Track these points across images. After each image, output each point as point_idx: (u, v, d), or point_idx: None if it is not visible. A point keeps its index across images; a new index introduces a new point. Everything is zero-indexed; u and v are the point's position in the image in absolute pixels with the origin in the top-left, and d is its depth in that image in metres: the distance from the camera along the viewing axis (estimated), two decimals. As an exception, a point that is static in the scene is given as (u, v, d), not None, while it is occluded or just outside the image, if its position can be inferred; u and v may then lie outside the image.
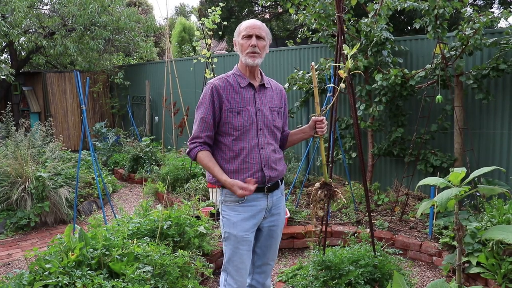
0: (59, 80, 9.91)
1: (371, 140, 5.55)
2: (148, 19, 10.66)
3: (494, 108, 4.69)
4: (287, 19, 14.81)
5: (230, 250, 2.39)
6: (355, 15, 5.45)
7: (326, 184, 2.61)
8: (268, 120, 2.42)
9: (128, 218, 4.08)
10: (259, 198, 2.40)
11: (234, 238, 2.37)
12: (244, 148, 2.34)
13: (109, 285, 2.84)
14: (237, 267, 2.38)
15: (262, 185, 2.40)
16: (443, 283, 1.91)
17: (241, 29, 2.38)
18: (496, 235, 2.37)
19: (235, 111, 2.34)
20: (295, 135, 2.63)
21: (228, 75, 2.42)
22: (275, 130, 2.48)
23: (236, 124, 2.33)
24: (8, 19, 8.10)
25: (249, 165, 2.35)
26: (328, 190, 2.58)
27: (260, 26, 2.38)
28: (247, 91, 2.39)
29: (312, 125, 2.54)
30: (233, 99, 2.35)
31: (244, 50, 2.35)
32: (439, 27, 4.44)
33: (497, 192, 2.53)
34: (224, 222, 2.41)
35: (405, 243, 4.16)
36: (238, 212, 2.37)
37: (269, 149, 2.42)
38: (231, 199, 2.38)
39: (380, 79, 4.87)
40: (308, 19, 5.40)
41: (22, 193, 5.18)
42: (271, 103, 2.47)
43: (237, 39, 2.40)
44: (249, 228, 2.38)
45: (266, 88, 2.47)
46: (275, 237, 2.55)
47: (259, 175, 2.37)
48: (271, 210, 2.48)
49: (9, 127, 6.86)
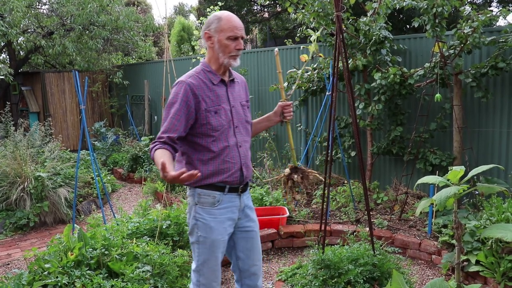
0: (58, 80, 9.90)
1: (370, 139, 5.56)
2: (147, 18, 10.64)
3: (493, 106, 4.69)
4: (286, 18, 14.81)
5: (205, 253, 2.27)
6: (354, 14, 5.45)
7: (297, 168, 2.60)
8: (241, 116, 2.34)
9: (127, 217, 4.08)
10: (233, 199, 2.31)
11: (211, 242, 2.25)
12: (225, 148, 2.24)
13: (108, 284, 2.84)
14: (213, 269, 2.29)
15: (237, 185, 2.31)
16: (442, 281, 1.91)
17: (223, 26, 2.21)
18: (494, 234, 2.38)
19: (212, 110, 2.21)
20: (259, 124, 2.57)
21: (198, 72, 2.27)
22: (248, 125, 2.40)
23: (215, 124, 2.21)
24: (7, 18, 8.09)
25: (229, 165, 2.25)
26: (302, 173, 2.57)
27: (242, 25, 2.27)
28: (220, 88, 2.28)
29: (278, 110, 2.49)
30: (209, 98, 2.22)
31: (228, 52, 2.22)
32: (437, 26, 4.45)
33: (496, 191, 2.54)
34: (200, 226, 2.26)
35: (404, 242, 4.16)
36: (214, 216, 2.25)
37: (245, 147, 2.35)
38: (207, 201, 2.25)
39: (379, 78, 4.87)
40: (307, 18, 5.40)
41: (21, 193, 5.17)
42: (241, 98, 2.39)
43: (217, 36, 2.22)
44: (225, 231, 2.29)
45: (235, 83, 2.38)
46: (254, 236, 2.45)
47: (238, 175, 2.29)
48: (244, 210, 2.39)
49: (8, 127, 6.86)
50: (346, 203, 5.20)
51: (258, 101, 7.22)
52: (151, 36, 13.31)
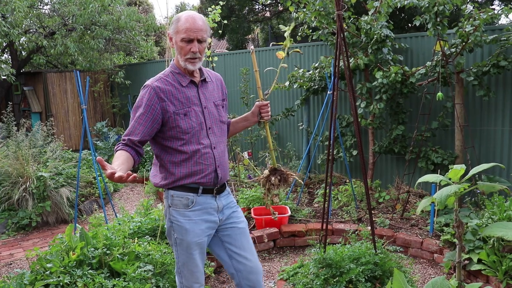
0: (59, 80, 9.91)
1: (372, 138, 5.55)
2: (149, 18, 10.65)
3: (495, 105, 4.68)
4: (288, 17, 14.80)
5: (183, 255, 2.25)
6: (355, 12, 5.44)
7: (276, 170, 2.57)
8: (215, 117, 2.29)
9: (129, 217, 4.09)
10: (209, 200, 2.26)
11: (187, 244, 2.23)
12: (197, 151, 2.19)
13: (110, 284, 2.85)
14: (192, 271, 2.27)
15: (212, 187, 2.27)
16: (444, 280, 1.90)
17: (179, 27, 2.13)
18: (496, 232, 2.37)
19: (181, 113, 2.16)
20: (237, 124, 2.52)
21: (166, 74, 2.22)
22: (223, 125, 2.35)
23: (184, 127, 2.16)
24: (9, 19, 8.11)
25: (202, 167, 2.21)
26: (281, 175, 2.54)
27: (201, 27, 2.15)
28: (189, 89, 2.22)
29: (256, 111, 2.46)
30: (177, 100, 2.17)
31: (183, 55, 2.16)
32: (439, 24, 4.43)
33: (497, 189, 2.53)
34: (175, 228, 2.24)
35: (406, 241, 4.16)
36: (188, 218, 2.22)
37: (221, 148, 2.30)
38: (180, 203, 2.22)
39: (381, 77, 4.86)
40: (308, 17, 5.40)
41: (23, 193, 5.19)
42: (214, 97, 2.32)
43: (175, 37, 2.17)
44: (202, 233, 2.24)
45: (207, 83, 2.31)
46: (241, 232, 2.37)
47: (212, 176, 2.24)
48: (224, 210, 2.34)
49: (10, 127, 6.87)
50: (348, 202, 5.20)
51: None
52: (153, 36, 13.31)
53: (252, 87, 7.22)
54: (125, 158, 2.06)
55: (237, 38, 14.27)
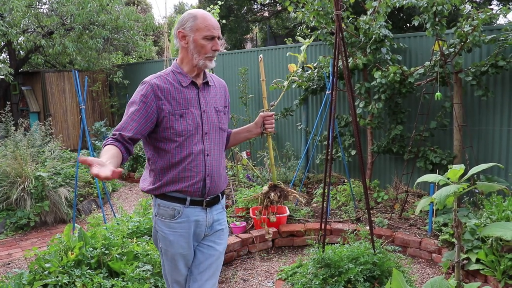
0: (58, 79, 9.90)
1: (371, 138, 5.56)
2: (147, 17, 10.64)
3: (493, 104, 4.68)
4: (286, 17, 14.81)
5: (168, 265, 2.18)
6: (354, 12, 5.44)
7: (276, 186, 2.50)
8: (214, 122, 2.16)
9: (127, 217, 4.09)
10: (198, 213, 2.13)
11: (172, 255, 2.14)
12: (188, 155, 2.07)
13: (109, 284, 2.85)
14: (177, 280, 2.20)
15: (201, 199, 2.13)
16: (442, 280, 1.90)
17: (199, 25, 2.06)
18: (494, 232, 2.37)
19: (177, 114, 2.05)
20: (238, 135, 2.42)
21: (166, 73, 2.12)
22: (222, 133, 2.22)
23: (179, 129, 2.05)
24: (7, 18, 8.09)
25: (191, 174, 2.08)
26: (280, 191, 2.47)
27: (218, 25, 2.11)
28: (189, 90, 2.11)
29: (260, 121, 2.35)
30: (175, 100, 2.06)
31: (204, 53, 2.07)
32: (437, 24, 4.44)
33: (496, 189, 2.53)
34: (160, 237, 2.15)
35: (404, 240, 4.16)
36: (173, 230, 2.10)
37: (215, 157, 2.16)
38: (166, 213, 2.10)
39: (379, 77, 4.87)
40: (306, 17, 5.40)
41: (21, 193, 5.18)
42: (216, 103, 2.21)
43: (193, 35, 2.07)
44: (187, 246, 2.14)
45: (209, 86, 2.21)
46: (215, 255, 2.22)
47: (200, 186, 2.10)
48: (213, 226, 2.21)
49: (8, 127, 6.85)
50: (347, 202, 5.20)
51: (258, 98, 7.22)
52: (151, 36, 13.30)
53: (253, 86, 7.22)
54: (114, 153, 1.92)
55: (236, 37, 14.29)
